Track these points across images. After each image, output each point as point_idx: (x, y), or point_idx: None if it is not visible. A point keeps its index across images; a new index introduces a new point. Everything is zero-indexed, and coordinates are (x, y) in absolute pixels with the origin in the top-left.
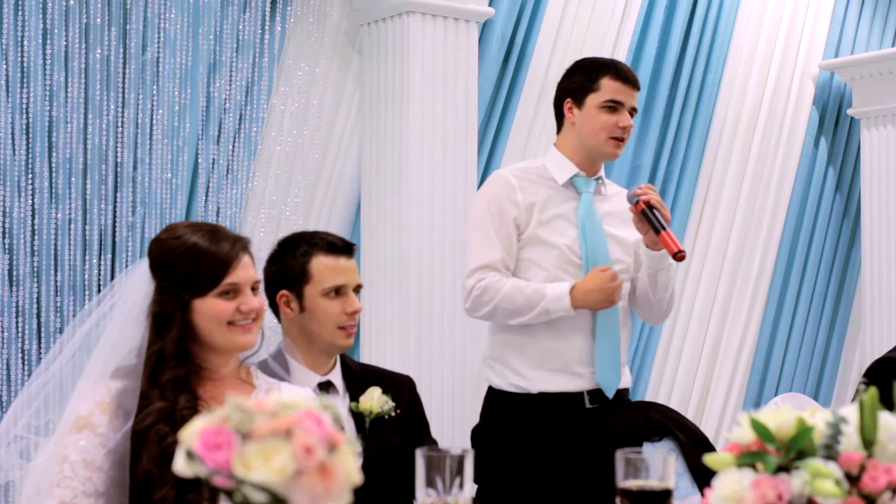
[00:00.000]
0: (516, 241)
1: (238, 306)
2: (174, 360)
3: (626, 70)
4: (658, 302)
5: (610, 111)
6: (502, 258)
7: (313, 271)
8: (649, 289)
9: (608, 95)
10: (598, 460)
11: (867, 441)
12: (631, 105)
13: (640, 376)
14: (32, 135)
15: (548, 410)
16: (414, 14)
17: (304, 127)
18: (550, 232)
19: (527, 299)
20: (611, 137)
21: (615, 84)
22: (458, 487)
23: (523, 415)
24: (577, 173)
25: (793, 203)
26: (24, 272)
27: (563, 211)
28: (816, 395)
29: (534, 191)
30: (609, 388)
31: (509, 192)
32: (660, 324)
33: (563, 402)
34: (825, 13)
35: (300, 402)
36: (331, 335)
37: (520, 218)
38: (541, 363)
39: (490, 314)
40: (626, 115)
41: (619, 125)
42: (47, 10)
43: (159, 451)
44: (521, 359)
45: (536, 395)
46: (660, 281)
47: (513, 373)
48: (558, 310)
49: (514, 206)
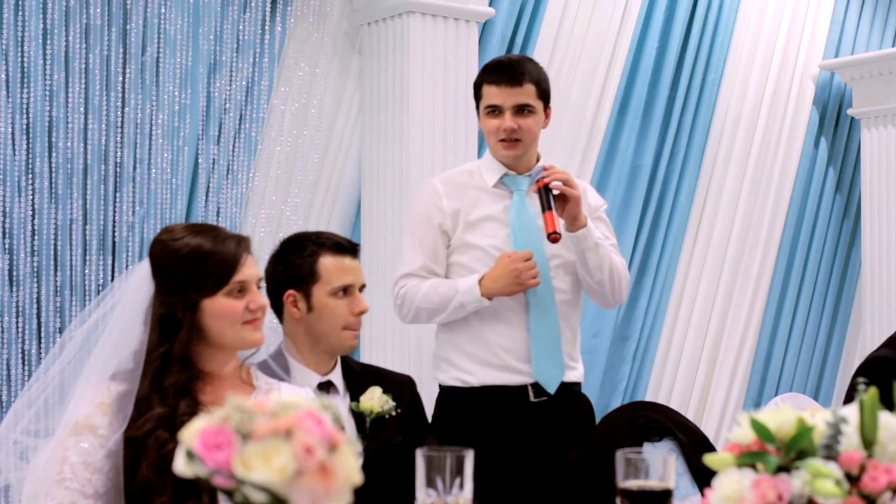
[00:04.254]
0: (444, 247)
1: (247, 304)
2: (178, 364)
3: (502, 70)
4: (599, 284)
5: (492, 115)
6: (423, 265)
7: (321, 271)
8: (583, 271)
9: (487, 101)
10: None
11: (867, 441)
12: (514, 104)
13: (640, 376)
14: (32, 135)
15: (492, 404)
16: (414, 14)
17: (305, 127)
18: (478, 234)
19: (441, 297)
20: (499, 141)
21: (491, 89)
22: (458, 487)
23: (468, 409)
24: (507, 173)
25: (793, 203)
26: (24, 272)
27: (493, 212)
28: (816, 395)
29: (461, 195)
30: (549, 384)
31: (435, 199)
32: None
33: (507, 396)
34: (825, 13)
35: (300, 403)
36: (338, 336)
37: (445, 224)
38: (481, 359)
39: (415, 317)
40: (506, 117)
41: (501, 128)
42: (47, 11)
43: (158, 458)
44: (463, 355)
45: (479, 388)
46: (590, 262)
47: (456, 369)
48: (471, 301)
49: (440, 213)
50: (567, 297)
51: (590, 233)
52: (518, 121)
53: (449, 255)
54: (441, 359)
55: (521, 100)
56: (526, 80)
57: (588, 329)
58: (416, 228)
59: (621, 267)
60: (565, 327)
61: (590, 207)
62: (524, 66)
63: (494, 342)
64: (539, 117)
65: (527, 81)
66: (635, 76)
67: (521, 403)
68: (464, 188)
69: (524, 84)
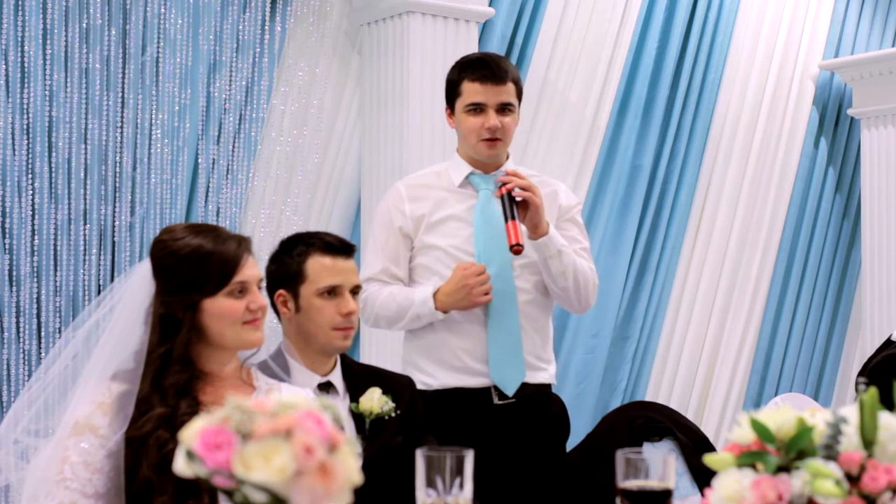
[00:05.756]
0: (405, 250)
1: (247, 304)
2: (179, 364)
3: (486, 67)
4: (563, 291)
5: (474, 113)
6: (384, 268)
7: (308, 271)
8: (547, 278)
9: (469, 99)
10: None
11: (867, 441)
12: (497, 102)
13: (640, 376)
14: (32, 135)
15: (454, 406)
16: (414, 14)
17: (304, 127)
18: (440, 235)
19: (398, 306)
20: (481, 140)
21: (474, 86)
22: (458, 487)
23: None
24: (472, 172)
25: (793, 203)
26: (24, 272)
27: (457, 211)
28: (816, 395)
29: (425, 196)
30: (507, 386)
31: (398, 202)
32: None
33: (469, 399)
34: (825, 13)
35: (300, 403)
36: (326, 336)
37: (407, 227)
38: (442, 361)
39: (375, 324)
40: (491, 115)
41: (485, 126)
42: (47, 11)
43: (159, 458)
44: (425, 358)
45: (441, 391)
46: (553, 269)
47: (420, 372)
48: (427, 314)
49: (401, 216)
50: (531, 298)
51: (552, 241)
52: (500, 119)
53: (412, 259)
54: (407, 362)
55: (504, 98)
56: (508, 79)
57: (588, 329)
58: (377, 231)
59: (588, 272)
60: (530, 328)
61: (561, 209)
62: (506, 64)
63: (455, 344)
64: (517, 116)
65: (509, 80)
66: (635, 76)
67: (484, 406)
68: (429, 189)
69: (507, 82)
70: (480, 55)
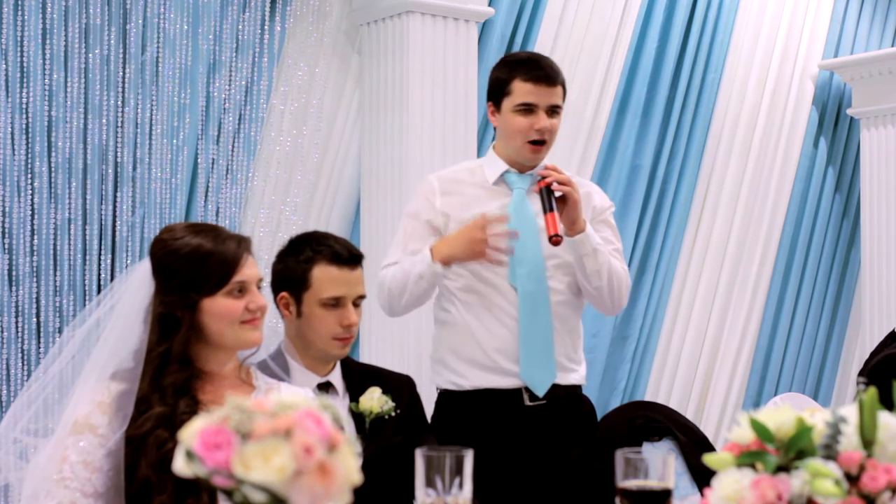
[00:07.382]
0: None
1: (247, 304)
2: (178, 364)
3: (539, 68)
4: (597, 290)
5: (524, 113)
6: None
7: (313, 279)
8: (581, 276)
9: (520, 99)
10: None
11: (867, 441)
12: (548, 104)
13: (639, 376)
14: (32, 135)
15: (485, 407)
16: (414, 14)
17: (304, 127)
18: None
19: (403, 272)
20: (528, 141)
21: (526, 86)
22: (458, 487)
23: (463, 412)
24: (508, 170)
25: (793, 203)
26: (24, 272)
27: (490, 209)
28: (816, 394)
29: (457, 191)
30: (538, 387)
31: (429, 195)
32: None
33: (500, 399)
34: (825, 13)
35: (300, 402)
36: (324, 344)
37: (436, 221)
38: (473, 360)
39: (388, 300)
40: (541, 117)
41: (534, 128)
42: (47, 10)
43: (158, 457)
44: (455, 357)
45: (472, 391)
46: (587, 267)
47: (449, 371)
48: (425, 269)
49: (431, 210)
50: (564, 298)
51: (588, 238)
52: (549, 121)
53: None
54: (436, 361)
55: (554, 100)
56: (559, 81)
57: (588, 329)
58: (404, 223)
59: (622, 273)
60: (561, 329)
61: (595, 209)
62: (557, 66)
63: (487, 343)
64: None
65: (559, 82)
66: (635, 76)
67: (515, 407)
68: (462, 185)
69: (557, 84)
70: (530, 54)
